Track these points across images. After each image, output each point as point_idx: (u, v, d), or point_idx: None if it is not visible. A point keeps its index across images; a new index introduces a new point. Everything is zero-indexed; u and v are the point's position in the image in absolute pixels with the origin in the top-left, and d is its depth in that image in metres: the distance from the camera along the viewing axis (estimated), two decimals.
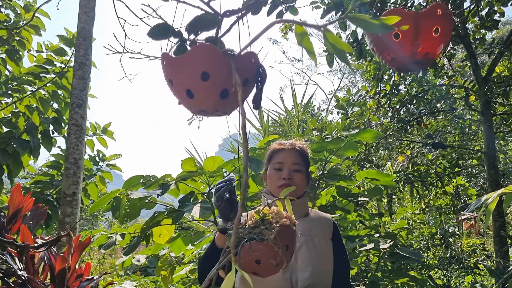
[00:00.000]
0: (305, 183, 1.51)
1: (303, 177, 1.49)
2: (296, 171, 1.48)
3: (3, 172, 3.69)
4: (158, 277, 3.78)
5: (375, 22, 0.59)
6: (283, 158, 1.49)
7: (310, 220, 1.47)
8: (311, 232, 1.42)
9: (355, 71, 15.14)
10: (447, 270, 5.21)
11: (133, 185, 2.15)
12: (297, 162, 1.49)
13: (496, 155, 4.05)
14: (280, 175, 1.46)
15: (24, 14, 4.01)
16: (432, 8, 1.19)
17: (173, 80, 0.78)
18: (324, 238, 1.42)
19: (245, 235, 0.92)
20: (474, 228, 4.10)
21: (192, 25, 0.82)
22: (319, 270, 1.35)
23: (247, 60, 0.79)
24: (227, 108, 0.81)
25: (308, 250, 1.37)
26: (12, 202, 1.40)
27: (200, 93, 0.76)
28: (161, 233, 2.21)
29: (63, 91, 4.13)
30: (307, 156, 1.55)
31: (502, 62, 4.57)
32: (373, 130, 2.41)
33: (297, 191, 1.46)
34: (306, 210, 1.50)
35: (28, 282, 1.19)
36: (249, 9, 0.96)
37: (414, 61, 1.23)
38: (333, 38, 0.62)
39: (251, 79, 0.81)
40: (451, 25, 1.26)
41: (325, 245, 1.41)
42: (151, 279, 4.28)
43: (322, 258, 1.38)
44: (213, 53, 0.75)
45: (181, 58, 0.76)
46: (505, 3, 3.45)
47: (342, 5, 2.51)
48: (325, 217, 1.52)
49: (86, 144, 4.09)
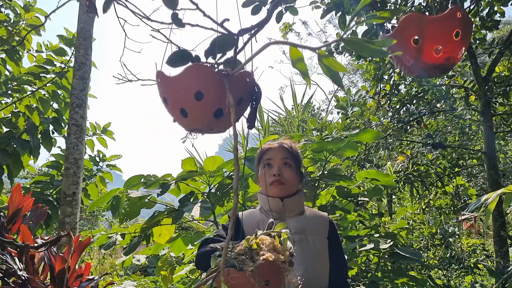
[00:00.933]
0: (296, 180, 1.49)
1: (294, 172, 1.48)
2: (286, 166, 1.47)
3: (3, 172, 3.69)
4: (158, 277, 3.78)
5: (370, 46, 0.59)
6: (271, 154, 1.49)
7: (305, 218, 1.45)
8: (306, 230, 1.40)
9: (355, 70, 15.14)
10: (447, 270, 5.21)
11: (134, 185, 2.15)
12: (286, 156, 1.48)
13: (496, 155, 4.05)
14: (270, 171, 1.46)
15: (24, 14, 4.01)
16: (451, 11, 1.16)
17: (168, 98, 0.78)
18: (319, 237, 1.41)
19: (230, 259, 0.89)
20: (474, 228, 4.10)
21: (211, 48, 0.81)
22: (312, 269, 1.34)
23: (241, 80, 0.79)
24: (222, 126, 0.81)
25: (301, 249, 1.35)
26: (12, 202, 1.40)
27: (194, 112, 0.76)
28: (161, 233, 2.21)
29: (63, 91, 4.13)
30: (297, 153, 1.54)
31: (502, 62, 4.57)
32: (373, 130, 2.41)
33: (289, 187, 1.45)
34: (301, 209, 1.49)
35: (28, 282, 1.19)
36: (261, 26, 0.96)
37: (435, 66, 1.20)
38: (327, 60, 0.62)
39: (246, 98, 0.81)
40: (471, 28, 1.23)
41: (320, 244, 1.39)
42: (151, 279, 4.28)
43: (317, 257, 1.37)
44: (208, 73, 0.75)
45: (176, 77, 0.76)
46: (505, 3, 3.45)
47: (342, 5, 2.51)
48: (321, 215, 1.50)
49: (86, 144, 4.09)
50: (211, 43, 0.82)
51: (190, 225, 3.27)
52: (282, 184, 1.44)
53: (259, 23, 0.95)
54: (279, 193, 1.44)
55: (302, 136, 2.53)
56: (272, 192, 1.45)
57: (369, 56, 0.96)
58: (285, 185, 1.44)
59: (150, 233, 2.24)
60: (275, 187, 1.44)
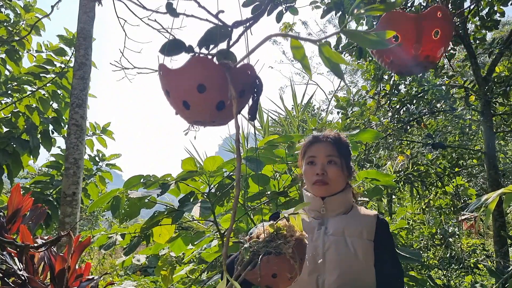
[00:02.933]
0: (342, 177, 1.38)
1: (339, 170, 1.37)
2: (330, 163, 1.37)
3: (3, 172, 3.69)
4: (158, 277, 3.78)
5: (370, 38, 0.59)
6: (315, 151, 1.40)
7: (347, 218, 1.35)
8: (345, 231, 1.30)
9: (355, 71, 15.14)
10: (447, 270, 5.21)
11: (134, 185, 2.15)
12: (331, 154, 1.38)
13: (496, 155, 4.05)
14: (314, 170, 1.37)
15: (24, 14, 4.01)
16: (432, 10, 1.18)
17: (170, 91, 0.79)
18: (360, 239, 1.29)
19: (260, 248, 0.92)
20: (474, 228, 4.09)
21: (204, 39, 0.82)
22: (348, 272, 1.24)
23: (243, 72, 0.79)
24: (224, 119, 0.82)
25: (337, 251, 1.26)
26: (11, 202, 1.40)
27: (196, 104, 0.76)
28: (161, 233, 2.21)
29: (63, 91, 4.13)
30: (345, 146, 1.43)
31: (502, 62, 4.57)
32: (373, 130, 2.41)
33: (333, 186, 1.36)
34: (345, 207, 1.38)
35: (28, 282, 1.19)
36: (256, 19, 0.96)
37: (414, 63, 1.21)
38: (328, 52, 0.62)
39: (247, 91, 0.82)
40: (452, 28, 1.24)
41: (361, 246, 1.28)
42: (151, 279, 4.28)
43: (355, 260, 1.26)
44: (210, 65, 0.76)
45: (178, 70, 0.76)
46: (505, 2, 3.45)
47: (342, 5, 2.51)
48: (367, 215, 1.37)
49: (86, 144, 4.09)
50: (205, 34, 0.82)
51: (190, 225, 3.27)
52: (325, 184, 1.36)
53: (254, 16, 0.96)
54: (322, 193, 1.37)
55: (302, 136, 2.53)
56: (315, 192, 1.38)
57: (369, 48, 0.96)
58: (329, 185, 1.36)
59: (150, 233, 2.24)
60: (318, 187, 1.36)
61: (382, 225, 1.34)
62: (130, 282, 3.51)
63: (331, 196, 1.36)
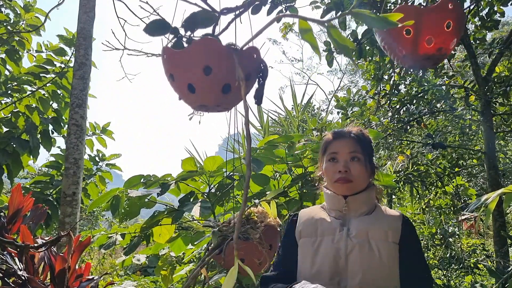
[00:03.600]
0: (366, 175, 1.30)
1: (363, 167, 1.29)
2: (354, 160, 1.29)
3: (3, 172, 3.69)
4: (158, 277, 3.78)
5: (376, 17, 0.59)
6: (337, 147, 1.32)
7: (371, 219, 1.26)
8: (369, 233, 1.22)
9: (354, 71, 15.15)
10: (447, 270, 5.21)
11: (134, 185, 2.15)
12: (354, 150, 1.30)
13: (496, 155, 4.05)
14: (336, 167, 1.29)
15: (24, 14, 4.01)
16: (443, 2, 1.18)
17: (174, 74, 0.77)
18: (385, 242, 1.20)
19: (229, 233, 0.92)
20: (474, 228, 4.09)
21: (189, 21, 0.81)
22: (372, 277, 1.17)
23: (249, 55, 0.78)
24: (229, 103, 0.80)
25: (360, 254, 1.19)
26: (12, 202, 1.40)
27: (202, 87, 0.75)
28: (161, 233, 2.21)
29: (63, 91, 4.13)
30: (368, 142, 1.35)
31: (502, 62, 4.56)
32: (373, 130, 2.41)
33: (357, 184, 1.28)
34: (369, 207, 1.30)
35: (28, 282, 1.19)
36: (247, 7, 0.96)
37: (427, 57, 1.20)
38: (336, 33, 0.62)
39: (253, 74, 0.80)
40: (463, 19, 1.24)
41: (386, 249, 1.19)
42: (151, 279, 4.28)
43: (379, 264, 1.18)
44: (216, 48, 0.74)
45: (183, 52, 0.75)
46: (505, 3, 3.45)
47: (342, 4, 2.51)
48: (393, 215, 1.28)
49: (86, 144, 4.09)
50: (190, 16, 0.81)
51: (190, 225, 3.27)
52: (349, 181, 1.27)
53: (245, 5, 0.95)
54: (345, 191, 1.28)
55: (302, 136, 2.53)
56: (337, 190, 1.30)
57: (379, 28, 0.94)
58: (352, 183, 1.27)
59: (150, 233, 2.24)
60: (341, 185, 1.28)
61: (408, 226, 1.26)
62: (130, 282, 3.51)
63: (354, 194, 1.28)
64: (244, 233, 0.92)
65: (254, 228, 0.94)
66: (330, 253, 1.21)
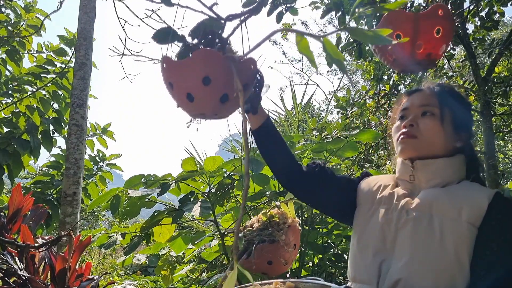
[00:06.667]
0: (442, 135, 0.99)
1: (437, 124, 0.99)
2: (425, 115, 1.01)
3: (3, 172, 3.70)
4: (158, 277, 3.78)
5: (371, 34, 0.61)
6: (408, 103, 1.06)
7: (443, 191, 0.95)
8: (434, 207, 0.92)
9: (354, 71, 15.15)
10: None
11: (134, 185, 2.15)
12: (427, 103, 1.02)
13: (495, 155, 4.06)
14: (402, 124, 1.04)
15: (25, 14, 4.02)
16: (433, 9, 1.20)
17: (173, 83, 0.79)
18: (455, 221, 0.88)
19: (254, 237, 0.93)
20: None
21: (196, 30, 0.82)
22: (424, 265, 0.88)
23: (247, 66, 0.80)
24: (226, 112, 0.83)
25: (414, 231, 0.91)
26: (12, 202, 1.41)
27: (200, 97, 0.77)
28: (161, 232, 2.22)
29: (63, 91, 4.14)
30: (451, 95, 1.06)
31: (502, 62, 4.57)
32: (373, 130, 2.41)
33: (424, 143, 0.99)
34: (445, 179, 0.97)
35: (28, 282, 1.19)
36: (251, 13, 0.97)
37: (416, 62, 1.22)
38: (331, 48, 0.63)
39: (250, 84, 0.82)
40: (453, 26, 1.26)
41: (455, 232, 0.87)
42: (151, 278, 4.29)
43: (439, 249, 0.87)
44: (215, 58, 0.76)
45: (183, 62, 0.77)
46: (505, 3, 3.45)
47: (342, 5, 2.51)
48: (478, 191, 0.93)
49: (86, 144, 4.10)
50: (196, 25, 0.82)
51: (190, 224, 3.27)
52: (412, 137, 1.00)
53: (250, 10, 0.96)
54: (411, 152, 1.00)
55: (302, 136, 2.54)
56: (401, 152, 1.03)
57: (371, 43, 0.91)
58: (417, 139, 0.99)
59: (150, 232, 2.25)
60: (402, 142, 1.01)
61: (497, 208, 0.88)
62: (130, 281, 3.51)
63: (424, 159, 0.99)
64: (269, 236, 0.94)
65: (278, 229, 0.96)
66: (379, 226, 0.98)
